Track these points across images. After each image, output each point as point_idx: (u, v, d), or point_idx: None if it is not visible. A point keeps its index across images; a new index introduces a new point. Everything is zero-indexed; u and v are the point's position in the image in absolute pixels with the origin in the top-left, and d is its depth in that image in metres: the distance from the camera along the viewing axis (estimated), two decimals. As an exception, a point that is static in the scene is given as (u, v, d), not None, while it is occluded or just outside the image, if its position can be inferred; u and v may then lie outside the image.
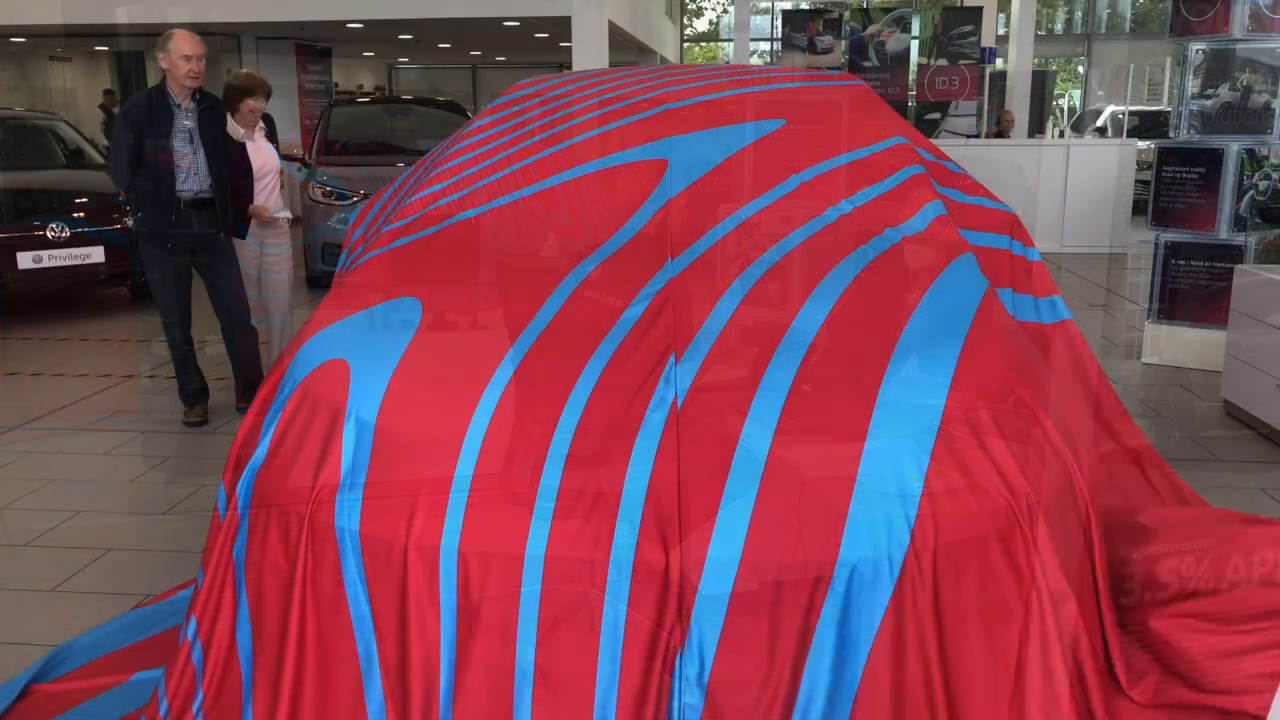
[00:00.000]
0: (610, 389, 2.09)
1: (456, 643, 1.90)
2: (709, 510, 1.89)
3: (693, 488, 1.91)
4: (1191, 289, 6.11)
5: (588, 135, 3.23)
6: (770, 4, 26.68)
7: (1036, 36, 12.93)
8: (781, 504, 1.91)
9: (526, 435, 2.02)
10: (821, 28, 12.74)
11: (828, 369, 2.14)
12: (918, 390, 2.07)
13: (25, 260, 7.25)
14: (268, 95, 5.42)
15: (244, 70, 5.64)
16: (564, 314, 2.40)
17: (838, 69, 12.34)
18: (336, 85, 18.75)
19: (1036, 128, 14.07)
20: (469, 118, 10.44)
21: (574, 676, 1.87)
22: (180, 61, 4.70)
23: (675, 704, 1.83)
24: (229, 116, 5.24)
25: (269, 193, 5.41)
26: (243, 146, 5.22)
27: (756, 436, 1.97)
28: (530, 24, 14.26)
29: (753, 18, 17.73)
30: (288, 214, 5.45)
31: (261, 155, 5.38)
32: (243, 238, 5.25)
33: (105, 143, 9.31)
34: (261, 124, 5.51)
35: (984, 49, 13.14)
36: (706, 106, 3.29)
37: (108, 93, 17.47)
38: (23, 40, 17.17)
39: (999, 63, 15.17)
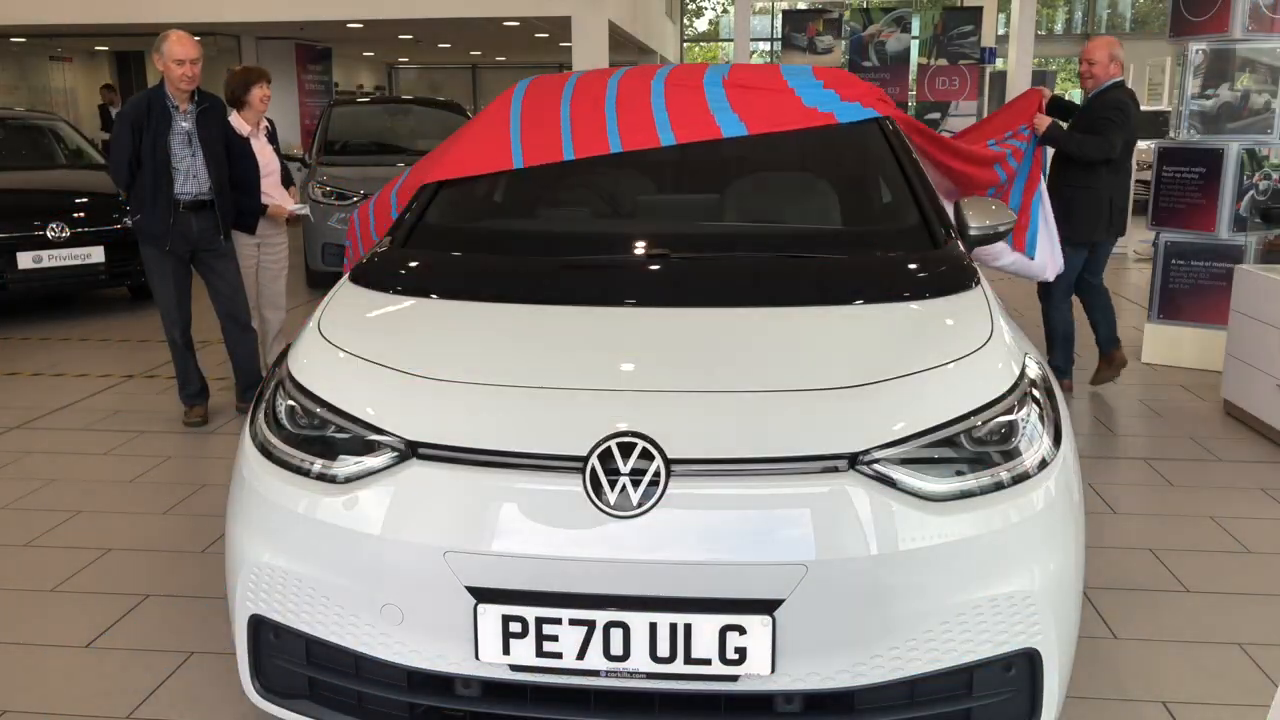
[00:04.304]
0: None
1: None
2: None
3: None
4: (1191, 289, 6.11)
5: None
6: (770, 4, 26.67)
7: (1036, 36, 12.90)
8: None
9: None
10: (821, 28, 12.73)
11: None
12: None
13: (25, 260, 7.25)
14: (269, 82, 5.45)
15: (239, 66, 5.65)
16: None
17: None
18: (336, 85, 18.75)
19: (1036, 128, 14.01)
20: (469, 118, 10.44)
21: None
22: (174, 65, 4.68)
23: None
24: (235, 113, 5.25)
25: (275, 196, 5.42)
26: (248, 141, 5.22)
27: None
28: (530, 24, 14.25)
29: (753, 18, 17.70)
30: (305, 209, 5.48)
31: (264, 155, 5.39)
32: (252, 232, 5.26)
33: (105, 137, 9.27)
34: (266, 123, 5.51)
35: (984, 49, 13.12)
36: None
37: (106, 88, 17.06)
38: (23, 40, 17.17)
39: (999, 63, 15.15)
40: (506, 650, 1.95)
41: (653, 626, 1.91)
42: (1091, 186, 5.19)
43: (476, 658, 1.96)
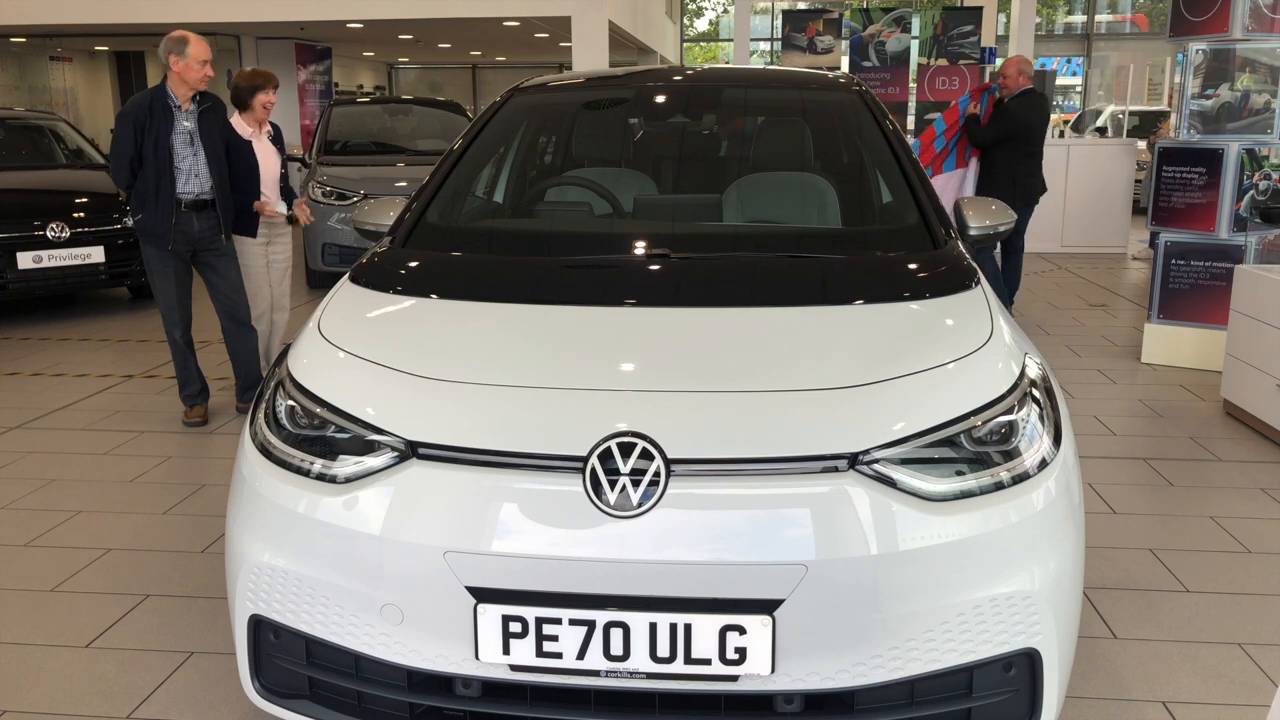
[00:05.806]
0: None
1: None
2: None
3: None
4: (1191, 289, 6.11)
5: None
6: (770, 4, 26.68)
7: (1036, 36, 12.91)
8: None
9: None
10: (821, 28, 12.72)
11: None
12: None
13: (25, 260, 7.26)
14: (276, 87, 5.45)
15: (247, 68, 5.65)
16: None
17: (837, 69, 12.33)
18: (336, 85, 18.76)
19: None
20: (469, 118, 10.45)
21: None
22: (197, 66, 4.76)
23: None
24: (237, 114, 5.26)
25: (271, 197, 5.41)
26: (249, 144, 5.22)
27: None
28: (530, 24, 14.26)
29: (753, 18, 17.72)
30: (283, 209, 5.43)
31: (269, 159, 5.38)
32: (254, 236, 5.26)
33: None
34: (269, 127, 5.51)
35: (984, 49, 13.11)
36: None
37: None
38: (23, 40, 17.17)
39: (999, 63, 15.14)
40: (506, 650, 1.95)
41: (653, 626, 1.91)
42: (999, 163, 7.05)
43: (476, 658, 1.96)
